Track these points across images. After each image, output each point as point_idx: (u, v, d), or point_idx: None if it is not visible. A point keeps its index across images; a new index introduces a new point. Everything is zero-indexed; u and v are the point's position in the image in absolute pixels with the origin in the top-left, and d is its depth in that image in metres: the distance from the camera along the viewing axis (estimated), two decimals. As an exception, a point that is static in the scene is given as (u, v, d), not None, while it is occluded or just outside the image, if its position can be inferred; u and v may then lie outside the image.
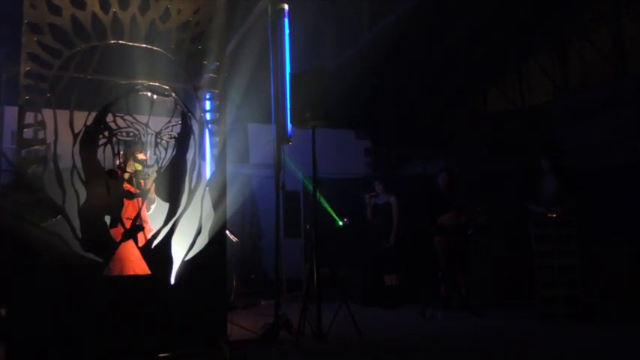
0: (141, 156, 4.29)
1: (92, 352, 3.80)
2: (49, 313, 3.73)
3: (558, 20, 9.89)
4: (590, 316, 5.36)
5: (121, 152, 4.13)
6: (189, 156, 4.40)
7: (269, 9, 5.44)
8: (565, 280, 5.50)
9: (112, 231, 4.03)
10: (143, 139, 4.21)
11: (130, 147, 4.24)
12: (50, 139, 3.89)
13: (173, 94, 4.38)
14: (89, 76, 4.06)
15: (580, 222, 5.61)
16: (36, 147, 3.89)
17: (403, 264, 7.17)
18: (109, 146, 4.07)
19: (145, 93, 4.28)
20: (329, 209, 7.23)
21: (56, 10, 3.99)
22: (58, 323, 3.74)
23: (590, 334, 4.92)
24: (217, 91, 4.62)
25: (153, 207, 4.54)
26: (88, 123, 4.02)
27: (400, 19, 8.32)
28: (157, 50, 4.33)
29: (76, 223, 3.87)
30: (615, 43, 9.39)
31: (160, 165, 4.26)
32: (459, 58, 10.06)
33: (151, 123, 4.26)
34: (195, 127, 4.46)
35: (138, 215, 4.19)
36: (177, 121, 4.40)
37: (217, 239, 4.43)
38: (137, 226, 4.11)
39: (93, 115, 4.06)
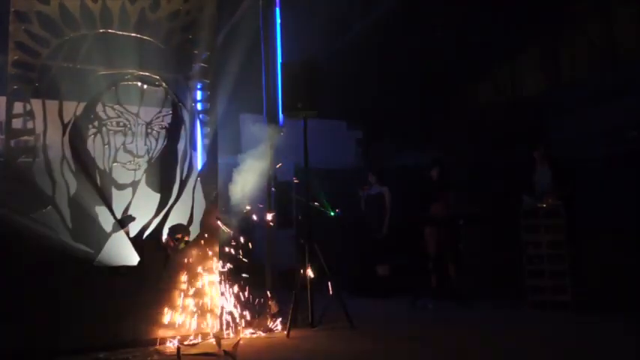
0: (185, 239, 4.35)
1: (83, 345, 3.80)
2: (34, 304, 3.71)
3: (550, 10, 9.89)
4: (579, 305, 5.42)
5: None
6: (181, 146, 4.39)
7: (260, -2, 5.41)
8: (554, 269, 5.55)
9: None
10: (133, 129, 4.18)
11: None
12: (39, 130, 3.85)
13: (163, 84, 4.35)
14: (78, 66, 4.02)
15: (570, 212, 5.66)
16: (25, 137, 3.86)
17: (395, 254, 7.20)
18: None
19: (135, 83, 4.25)
20: (324, 202, 7.23)
21: (44, -1, 3.93)
22: (47, 315, 3.74)
23: (578, 323, 4.98)
24: (208, 81, 4.59)
25: None
26: (78, 113, 3.99)
27: (392, 9, 8.30)
28: (146, 40, 4.29)
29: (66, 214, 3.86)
30: (606, 33, 9.41)
31: (150, 155, 4.24)
32: (449, 48, 10.04)
33: (142, 113, 4.24)
34: (186, 117, 4.44)
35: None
36: (167, 111, 4.37)
37: (209, 230, 4.42)
38: (128, 216, 4.10)
39: (82, 105, 4.02)
